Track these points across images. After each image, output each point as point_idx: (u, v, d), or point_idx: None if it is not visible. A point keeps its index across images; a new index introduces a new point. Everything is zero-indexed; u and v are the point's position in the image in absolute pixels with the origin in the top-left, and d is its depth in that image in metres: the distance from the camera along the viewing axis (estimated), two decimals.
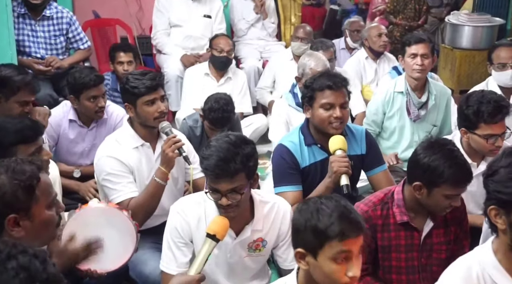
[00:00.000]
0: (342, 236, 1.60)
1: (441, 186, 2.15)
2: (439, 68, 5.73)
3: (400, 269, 2.34)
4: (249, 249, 2.31)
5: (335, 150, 2.64)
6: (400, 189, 2.32)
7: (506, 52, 3.68)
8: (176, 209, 2.30)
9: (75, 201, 3.37)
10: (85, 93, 3.41)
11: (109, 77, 4.52)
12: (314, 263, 1.65)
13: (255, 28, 5.96)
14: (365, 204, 2.35)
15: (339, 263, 1.61)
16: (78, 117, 3.55)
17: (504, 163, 1.56)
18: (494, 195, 1.57)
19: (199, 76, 4.71)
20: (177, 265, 2.27)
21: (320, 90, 2.72)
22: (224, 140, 2.11)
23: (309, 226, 1.64)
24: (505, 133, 2.78)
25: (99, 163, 2.83)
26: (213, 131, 3.62)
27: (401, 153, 3.85)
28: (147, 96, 2.76)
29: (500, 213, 1.58)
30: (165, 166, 2.75)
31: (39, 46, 4.58)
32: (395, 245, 2.32)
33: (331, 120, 2.71)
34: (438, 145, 2.21)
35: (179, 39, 5.37)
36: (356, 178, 2.97)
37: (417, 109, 3.72)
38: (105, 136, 3.53)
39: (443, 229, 2.34)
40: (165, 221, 2.97)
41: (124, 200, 2.75)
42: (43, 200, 1.74)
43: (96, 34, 5.87)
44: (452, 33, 5.65)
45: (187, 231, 2.26)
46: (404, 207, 2.29)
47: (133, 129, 2.87)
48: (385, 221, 2.31)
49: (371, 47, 5.09)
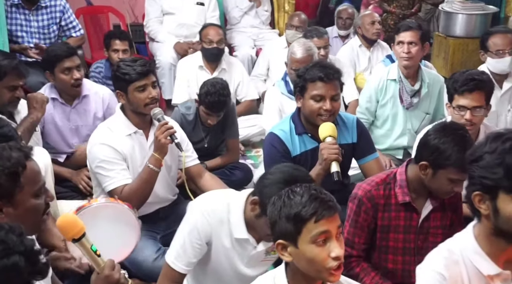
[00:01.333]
0: (317, 216, 1.58)
1: (447, 169, 2.17)
2: (433, 56, 5.73)
3: (397, 250, 2.37)
4: (267, 254, 2.26)
5: (325, 137, 2.63)
6: (403, 170, 2.34)
7: (503, 39, 3.66)
8: (201, 210, 2.18)
9: (67, 189, 3.40)
10: (59, 66, 3.43)
11: (103, 64, 4.49)
12: (296, 252, 1.63)
13: (249, 16, 5.93)
14: (367, 184, 2.36)
15: (320, 245, 1.60)
16: (59, 95, 3.56)
17: (489, 149, 1.55)
18: (478, 181, 1.56)
19: (193, 69, 4.60)
20: (185, 263, 2.19)
21: (311, 81, 2.71)
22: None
23: (283, 214, 1.62)
24: (479, 109, 2.81)
25: (92, 150, 2.83)
26: (209, 116, 3.60)
27: (394, 140, 3.86)
28: (138, 82, 2.76)
29: (484, 199, 1.58)
30: (159, 152, 2.75)
31: (33, 35, 4.56)
32: (394, 225, 2.34)
33: (320, 112, 2.71)
34: (450, 128, 2.23)
35: (172, 27, 5.34)
36: (347, 166, 2.98)
37: (410, 97, 3.73)
38: (90, 114, 3.59)
39: (440, 213, 2.36)
40: (158, 209, 3.02)
41: (118, 187, 2.76)
42: (29, 188, 1.69)
43: (88, 21, 5.84)
44: (445, 21, 5.64)
45: (207, 232, 2.16)
46: (406, 187, 2.30)
47: (125, 117, 2.87)
48: (386, 201, 2.33)
49: (365, 35, 5.08)
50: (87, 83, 3.70)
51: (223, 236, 2.18)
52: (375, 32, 5.06)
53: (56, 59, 3.43)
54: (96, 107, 3.64)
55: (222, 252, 2.21)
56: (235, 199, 2.19)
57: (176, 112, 3.75)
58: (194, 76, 4.54)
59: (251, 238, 2.17)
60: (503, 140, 1.54)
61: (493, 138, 1.57)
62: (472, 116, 2.81)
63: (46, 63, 3.52)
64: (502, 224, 1.56)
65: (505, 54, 3.62)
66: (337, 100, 2.75)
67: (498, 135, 1.58)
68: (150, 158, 2.77)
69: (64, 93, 3.56)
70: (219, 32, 4.61)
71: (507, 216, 1.53)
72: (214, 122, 3.63)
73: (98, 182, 2.88)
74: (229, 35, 5.94)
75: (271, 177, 2.02)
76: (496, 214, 1.55)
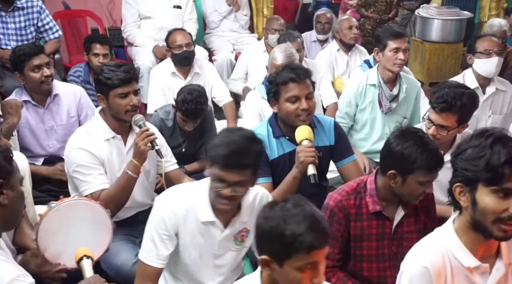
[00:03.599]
0: (311, 248, 1.58)
1: (415, 173, 2.19)
2: (410, 60, 5.80)
3: (371, 257, 2.38)
4: (235, 241, 2.29)
5: (301, 140, 2.65)
6: (372, 179, 2.35)
7: (490, 41, 3.76)
8: (163, 200, 2.24)
9: (44, 194, 3.36)
10: (28, 64, 3.42)
11: (82, 68, 4.43)
12: (279, 270, 1.63)
13: (228, 20, 5.95)
14: (338, 194, 2.37)
15: (305, 272, 1.61)
16: (31, 97, 3.54)
17: (473, 144, 1.62)
18: (461, 173, 1.63)
19: (166, 76, 4.48)
20: (158, 257, 2.22)
21: (283, 84, 2.73)
22: (238, 134, 2.09)
23: (275, 235, 1.59)
24: (444, 129, 2.77)
25: (69, 154, 2.80)
26: (186, 122, 3.61)
27: (372, 144, 3.89)
28: (120, 88, 2.74)
29: (464, 191, 1.64)
30: (137, 159, 2.73)
31: (10, 38, 4.52)
32: (367, 234, 2.35)
33: (298, 113, 2.72)
34: (409, 133, 2.25)
35: (150, 30, 5.33)
36: (325, 168, 3.00)
37: (389, 102, 3.76)
38: (64, 112, 3.60)
39: (413, 218, 2.38)
40: (136, 213, 3.00)
41: (95, 192, 2.74)
42: (18, 174, 1.83)
43: (66, 25, 5.80)
44: (422, 26, 5.72)
45: (174, 223, 2.20)
46: (377, 196, 2.32)
47: (104, 121, 2.85)
48: (358, 210, 2.34)
49: (342, 40, 5.13)
50: (57, 83, 3.69)
51: (190, 224, 2.20)
52: (353, 37, 5.10)
53: (24, 58, 3.41)
54: (69, 104, 3.63)
55: (190, 241, 2.24)
56: (198, 185, 2.24)
57: (155, 116, 3.74)
58: (168, 84, 4.44)
59: (217, 221, 2.20)
60: (487, 136, 1.61)
61: (478, 134, 1.64)
62: (436, 132, 2.80)
63: (14, 64, 3.50)
64: (478, 215, 1.61)
65: (493, 53, 3.69)
66: (312, 99, 2.76)
67: (483, 131, 1.64)
68: (128, 164, 2.75)
69: (35, 94, 3.53)
70: (186, 35, 4.45)
71: (483, 207, 1.59)
72: (191, 129, 3.64)
73: (75, 186, 2.85)
74: (208, 39, 5.95)
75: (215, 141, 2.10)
76: (474, 206, 1.62)
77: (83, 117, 3.71)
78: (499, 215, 1.58)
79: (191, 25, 5.42)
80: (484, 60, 3.72)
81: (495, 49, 3.71)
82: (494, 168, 1.55)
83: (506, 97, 3.86)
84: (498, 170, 1.55)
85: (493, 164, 1.56)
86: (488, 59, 3.70)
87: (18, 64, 3.44)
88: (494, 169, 1.56)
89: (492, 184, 1.57)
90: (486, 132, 1.63)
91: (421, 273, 1.69)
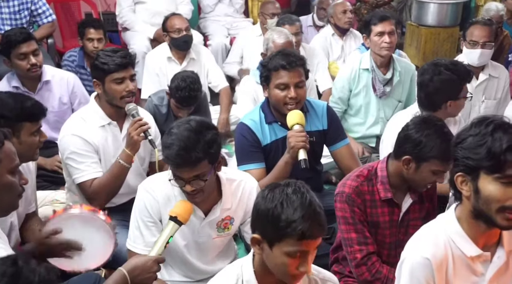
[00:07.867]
0: (302, 236, 1.57)
1: (430, 161, 2.19)
2: (405, 45, 5.79)
3: (384, 244, 2.37)
4: (218, 228, 2.30)
5: (292, 125, 2.65)
6: (383, 165, 2.34)
7: (480, 31, 3.66)
8: (145, 187, 2.24)
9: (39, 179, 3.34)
10: (14, 52, 3.42)
11: (76, 53, 4.40)
12: (268, 252, 1.64)
13: (223, 4, 5.91)
14: (352, 180, 2.34)
15: (293, 258, 1.61)
16: (21, 83, 3.54)
17: (473, 132, 1.60)
18: (462, 162, 1.62)
19: (162, 61, 4.46)
20: (145, 244, 2.22)
21: (274, 70, 2.72)
22: (185, 127, 2.05)
23: (271, 217, 1.60)
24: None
25: (63, 140, 2.79)
26: (180, 109, 3.60)
27: (367, 129, 3.91)
28: (116, 73, 2.73)
29: (466, 180, 1.63)
30: (130, 148, 2.73)
31: (4, 22, 4.49)
32: (382, 221, 2.34)
33: (286, 101, 2.71)
34: (430, 121, 2.25)
35: (145, 15, 5.28)
36: (319, 153, 3.00)
37: (383, 86, 3.76)
38: (55, 99, 3.59)
39: (419, 205, 2.38)
40: (131, 198, 2.98)
41: (87, 180, 2.74)
42: (6, 164, 1.75)
43: (59, 9, 5.73)
44: (418, 10, 5.69)
45: (156, 209, 2.20)
46: (388, 183, 2.31)
47: (100, 107, 2.84)
48: (372, 197, 2.33)
49: (337, 24, 5.11)
50: (49, 69, 3.67)
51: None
52: (347, 21, 5.08)
53: (12, 45, 3.40)
54: (61, 92, 3.62)
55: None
56: None
57: (149, 102, 3.73)
58: (163, 69, 4.43)
59: (197, 209, 2.20)
60: (487, 123, 1.59)
61: (477, 122, 1.62)
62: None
63: (2, 49, 3.49)
64: (481, 204, 1.60)
65: (478, 45, 3.64)
66: (302, 87, 2.74)
67: (483, 119, 1.63)
68: (121, 153, 2.74)
69: (25, 80, 3.53)
70: (184, 19, 4.46)
71: (486, 195, 1.58)
72: (185, 115, 3.60)
73: (69, 173, 2.86)
74: (203, 23, 5.91)
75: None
76: (477, 195, 1.60)
77: (76, 105, 3.70)
78: (504, 203, 1.56)
79: (185, 6, 5.38)
80: (469, 50, 3.69)
81: (482, 41, 3.62)
82: (496, 156, 1.54)
83: (500, 83, 3.83)
84: (500, 157, 1.54)
85: (495, 151, 1.54)
86: (471, 50, 3.66)
87: (5, 50, 3.44)
88: (496, 157, 1.54)
89: (494, 171, 1.55)
90: (486, 120, 1.61)
91: (423, 264, 1.69)
